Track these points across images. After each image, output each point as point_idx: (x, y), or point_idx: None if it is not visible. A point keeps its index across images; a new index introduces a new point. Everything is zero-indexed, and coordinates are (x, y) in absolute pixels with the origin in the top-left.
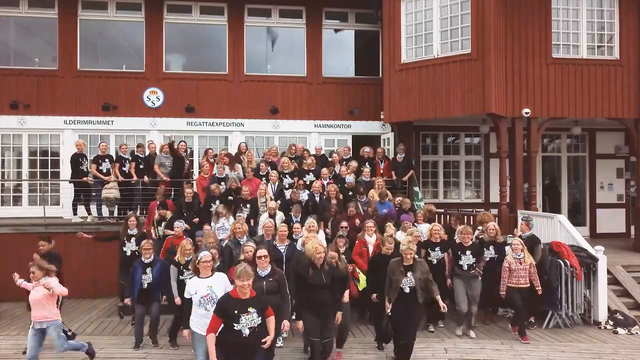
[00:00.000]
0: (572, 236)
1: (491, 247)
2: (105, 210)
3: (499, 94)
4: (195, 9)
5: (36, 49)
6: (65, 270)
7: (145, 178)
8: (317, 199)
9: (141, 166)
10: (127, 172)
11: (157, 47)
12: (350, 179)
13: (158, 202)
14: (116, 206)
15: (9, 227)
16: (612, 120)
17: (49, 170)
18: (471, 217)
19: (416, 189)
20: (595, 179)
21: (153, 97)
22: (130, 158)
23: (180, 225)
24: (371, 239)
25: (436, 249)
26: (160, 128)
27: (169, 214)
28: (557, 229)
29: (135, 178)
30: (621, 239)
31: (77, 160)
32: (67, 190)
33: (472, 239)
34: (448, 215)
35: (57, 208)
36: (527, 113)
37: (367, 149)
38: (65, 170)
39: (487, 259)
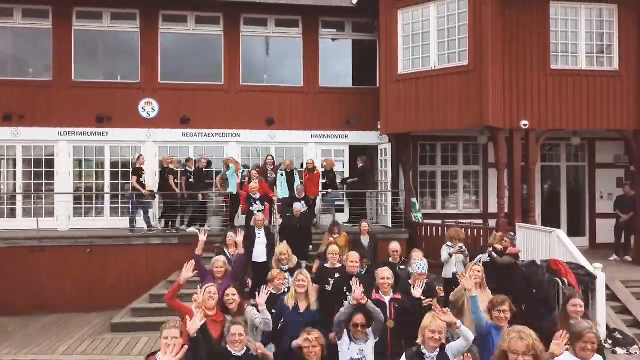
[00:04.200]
0: (570, 252)
1: None
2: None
3: (496, 106)
4: (191, 19)
5: (30, 60)
6: (60, 284)
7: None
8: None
9: (190, 180)
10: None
11: (153, 58)
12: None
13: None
14: None
15: (1, 240)
16: (611, 131)
17: (44, 182)
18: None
19: (414, 200)
20: (595, 188)
21: (148, 107)
22: (175, 169)
23: None
24: None
25: None
26: (155, 139)
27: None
28: (555, 244)
29: (184, 191)
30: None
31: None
32: (61, 204)
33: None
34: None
35: (52, 220)
36: (525, 125)
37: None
38: (60, 182)
39: None
